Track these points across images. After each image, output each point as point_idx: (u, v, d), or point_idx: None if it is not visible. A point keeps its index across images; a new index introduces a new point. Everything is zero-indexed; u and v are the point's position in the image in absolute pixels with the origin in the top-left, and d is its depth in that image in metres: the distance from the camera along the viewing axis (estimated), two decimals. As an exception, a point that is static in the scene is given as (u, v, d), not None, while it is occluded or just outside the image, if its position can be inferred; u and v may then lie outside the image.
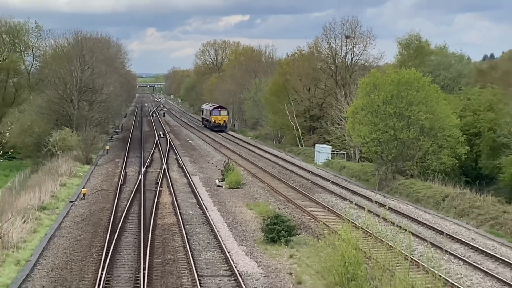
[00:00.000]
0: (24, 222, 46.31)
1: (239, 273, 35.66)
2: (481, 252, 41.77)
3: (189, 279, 34.96)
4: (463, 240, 44.64)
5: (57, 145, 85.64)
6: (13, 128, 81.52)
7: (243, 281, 34.18)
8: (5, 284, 34.09)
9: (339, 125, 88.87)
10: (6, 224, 43.30)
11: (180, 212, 51.69)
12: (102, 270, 35.47)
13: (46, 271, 37.18)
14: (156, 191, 61.68)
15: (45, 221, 49.39)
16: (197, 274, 35.33)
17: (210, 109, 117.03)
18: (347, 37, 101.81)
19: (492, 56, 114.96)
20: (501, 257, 40.28)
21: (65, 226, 48.19)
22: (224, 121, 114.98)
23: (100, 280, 33.54)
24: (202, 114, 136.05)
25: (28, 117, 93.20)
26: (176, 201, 56.77)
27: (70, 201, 57.59)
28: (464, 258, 40.04)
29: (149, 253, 39.38)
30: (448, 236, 45.56)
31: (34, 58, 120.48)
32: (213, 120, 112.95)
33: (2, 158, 62.79)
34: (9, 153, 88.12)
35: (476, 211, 53.62)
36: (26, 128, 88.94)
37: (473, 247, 42.83)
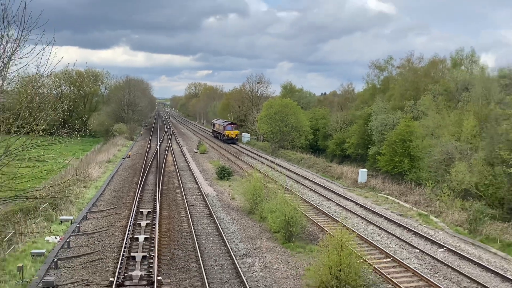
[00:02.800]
0: (99, 168, 45.87)
1: (204, 193, 35.77)
2: (318, 184, 42.49)
3: (180, 196, 34.94)
4: (309, 179, 45.35)
5: (116, 131, 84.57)
6: (94, 122, 79.94)
7: (206, 197, 34.37)
8: (90, 198, 33.70)
9: (253, 124, 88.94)
10: (91, 169, 42.64)
11: (176, 164, 51.42)
12: (138, 191, 35.26)
13: (110, 191, 36.85)
14: (165, 154, 61.03)
15: (110, 167, 48.85)
16: (184, 194, 35.37)
17: (224, 125, 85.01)
18: (258, 83, 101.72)
19: (325, 93, 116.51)
20: (327, 187, 41.08)
21: (120, 170, 47.62)
22: (236, 135, 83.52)
23: (136, 196, 33.40)
24: (213, 127, 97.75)
25: (102, 117, 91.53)
26: (175, 159, 56.40)
27: (123, 158, 56.77)
28: (309, 187, 40.77)
29: (161, 184, 39.25)
30: (302, 177, 46.23)
31: (105, 88, 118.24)
32: (227, 134, 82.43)
33: (89, 136, 60.51)
34: (92, 134, 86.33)
35: (316, 165, 54.64)
36: (101, 122, 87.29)
37: (314, 182, 43.53)
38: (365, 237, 25.43)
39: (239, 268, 20.10)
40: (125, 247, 22.35)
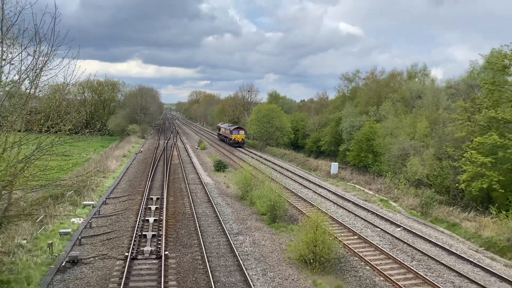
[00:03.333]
0: (116, 161, 45.49)
1: (203, 182, 35.69)
2: (298, 175, 42.45)
3: (184, 185, 34.77)
4: (291, 170, 45.37)
5: (130, 131, 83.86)
6: (112, 123, 79.24)
7: (205, 185, 34.27)
8: (108, 187, 33.42)
9: (244, 125, 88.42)
10: (109, 162, 42.31)
11: (180, 159, 51.20)
12: (149, 180, 35.06)
13: (125, 181, 36.56)
14: (171, 150, 60.75)
15: (125, 161, 48.39)
16: (187, 183, 35.24)
17: (231, 129, 72.34)
18: (248, 91, 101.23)
19: (304, 100, 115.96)
20: (305, 177, 40.99)
21: (133, 163, 47.21)
22: (242, 139, 71.23)
23: (147, 184, 33.20)
24: (219, 131, 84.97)
25: (118, 119, 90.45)
26: (179, 154, 56.16)
27: (136, 153, 56.25)
28: (291, 177, 40.64)
29: (168, 174, 39.04)
30: (285, 169, 46.21)
31: (121, 95, 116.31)
32: (233, 138, 70.35)
33: (107, 135, 59.80)
34: (110, 133, 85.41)
35: (296, 159, 54.58)
36: (117, 123, 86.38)
37: (294, 173, 43.46)
38: (336, 218, 25.57)
39: (232, 244, 20.12)
40: (137, 227, 22.26)
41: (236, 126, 74.57)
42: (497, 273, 18.04)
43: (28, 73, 14.58)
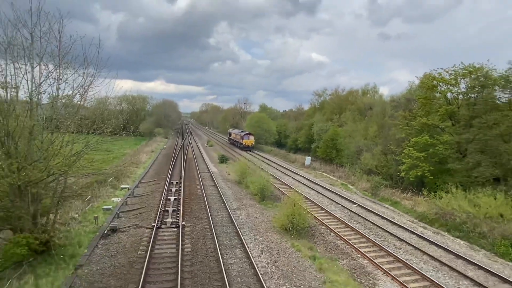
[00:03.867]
0: (146, 155, 44.96)
1: (211, 171, 35.43)
2: (280, 166, 42.24)
3: (196, 173, 34.46)
4: (275, 162, 45.20)
5: (157, 133, 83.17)
6: (143, 127, 78.38)
7: (212, 173, 34.06)
8: (140, 174, 33.12)
9: (241, 129, 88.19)
10: (140, 156, 41.92)
11: (194, 154, 50.90)
12: (170, 169, 34.75)
13: (153, 170, 36.13)
14: (187, 147, 60.31)
15: (152, 155, 47.83)
16: (199, 171, 35.01)
17: (242, 135, 62.23)
18: (244, 103, 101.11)
19: (285, 110, 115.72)
20: (286, 167, 40.96)
21: (159, 157, 46.66)
22: (252, 143, 60.94)
23: (169, 173, 32.93)
24: (230, 136, 72.99)
25: (148, 124, 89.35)
26: (193, 150, 55.81)
27: (160, 149, 55.67)
28: (275, 167, 40.44)
29: (184, 165, 38.76)
30: (271, 161, 46.07)
31: (150, 106, 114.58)
32: (244, 143, 60.45)
33: (139, 136, 59.06)
34: (142, 134, 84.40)
35: (280, 154, 54.18)
36: (147, 127, 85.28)
37: (278, 165, 43.14)
38: (309, 197, 25.60)
39: (232, 217, 20.12)
40: (161, 204, 22.15)
41: (247, 132, 63.66)
42: (428, 238, 18.26)
43: (79, 89, 14.52)
